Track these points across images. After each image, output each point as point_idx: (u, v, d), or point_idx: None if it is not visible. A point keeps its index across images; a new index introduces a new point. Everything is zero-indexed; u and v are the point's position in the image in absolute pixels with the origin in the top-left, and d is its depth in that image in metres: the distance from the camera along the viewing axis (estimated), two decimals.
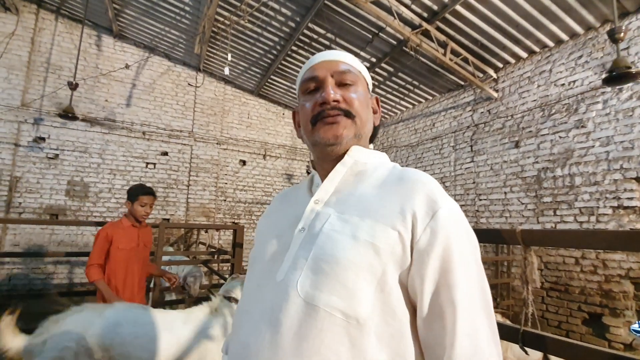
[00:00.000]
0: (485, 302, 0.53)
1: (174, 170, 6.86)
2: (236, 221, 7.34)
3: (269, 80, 7.12)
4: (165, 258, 4.03)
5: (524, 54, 4.88)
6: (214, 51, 6.48)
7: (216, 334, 1.90)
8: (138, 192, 2.45)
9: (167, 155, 6.82)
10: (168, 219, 6.70)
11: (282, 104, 8.11)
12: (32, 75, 5.96)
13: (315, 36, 5.45)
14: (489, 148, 5.34)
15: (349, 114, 0.65)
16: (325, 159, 0.68)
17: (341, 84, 0.67)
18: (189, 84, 7.14)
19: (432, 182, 0.59)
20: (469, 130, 5.69)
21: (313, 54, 5.87)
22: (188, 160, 7.00)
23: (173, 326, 1.85)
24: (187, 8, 5.48)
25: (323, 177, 0.67)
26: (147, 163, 6.64)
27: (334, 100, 0.64)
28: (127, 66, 6.34)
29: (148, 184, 6.39)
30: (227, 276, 4.25)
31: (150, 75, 6.80)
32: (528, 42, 4.63)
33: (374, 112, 0.75)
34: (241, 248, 3.98)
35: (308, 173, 8.20)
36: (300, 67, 6.42)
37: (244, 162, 7.60)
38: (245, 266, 6.94)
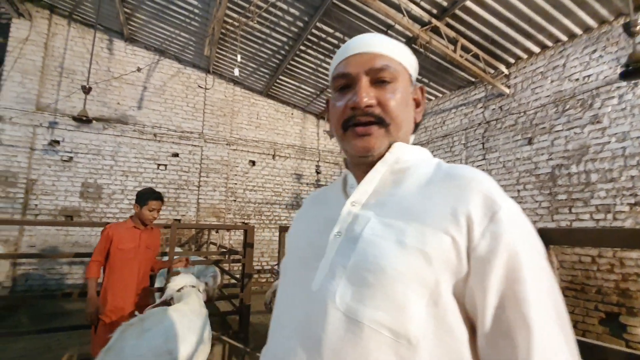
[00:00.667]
0: (561, 317, 0.45)
1: (185, 171, 6.93)
2: (246, 221, 7.38)
3: (278, 80, 7.14)
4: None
5: (536, 49, 4.80)
6: (224, 53, 6.52)
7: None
8: (148, 197, 2.52)
9: (177, 156, 6.90)
10: (179, 220, 6.77)
11: (291, 104, 8.12)
12: (46, 79, 6.09)
13: (323, 35, 5.44)
14: (501, 145, 5.27)
15: (382, 122, 0.58)
16: (358, 162, 0.62)
17: (377, 81, 0.59)
18: (199, 86, 7.20)
19: (488, 179, 0.52)
20: (480, 128, 5.63)
21: (322, 53, 5.91)
22: (198, 161, 7.06)
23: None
24: (196, 10, 5.53)
25: (359, 177, 0.62)
26: (159, 164, 6.73)
27: (367, 106, 0.57)
28: (138, 69, 6.43)
29: (160, 185, 6.55)
30: (237, 276, 4.30)
31: (161, 78, 6.88)
32: (541, 37, 4.55)
33: (417, 105, 0.66)
34: (251, 248, 4.00)
35: (318, 173, 8.24)
36: (308, 67, 6.46)
37: (253, 163, 7.64)
38: (256, 266, 7.00)
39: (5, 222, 5.45)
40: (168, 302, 2.18)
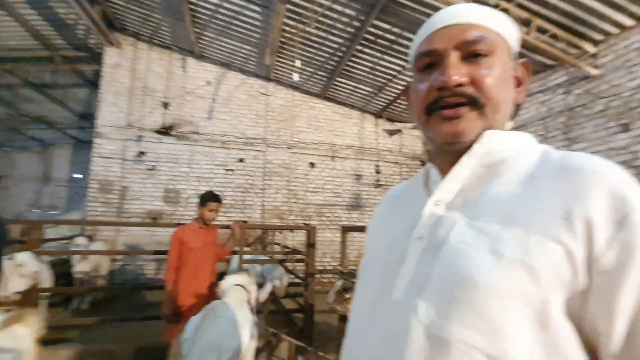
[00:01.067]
0: None
1: (250, 175, 7.34)
2: (307, 222, 7.55)
3: (335, 82, 7.20)
4: (246, 257, 4.33)
5: (630, 22, 4.14)
6: (283, 60, 6.78)
7: None
8: (207, 199, 2.79)
9: (243, 161, 7.33)
10: (245, 221, 7.19)
11: (349, 105, 8.13)
12: (132, 98, 6.93)
13: (380, 32, 5.35)
14: (589, 134, 4.63)
15: (476, 103, 0.49)
16: (446, 151, 0.54)
17: (470, 56, 0.50)
18: (261, 94, 7.59)
19: (616, 171, 0.42)
20: (562, 116, 5.02)
21: (379, 51, 5.82)
22: (262, 165, 7.43)
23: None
24: (256, 23, 5.84)
25: (443, 170, 0.54)
26: (227, 170, 7.22)
27: (457, 85, 0.49)
28: (208, 83, 7.00)
29: (228, 189, 7.03)
30: (301, 275, 4.41)
31: (227, 89, 7.39)
32: (634, 8, 3.91)
33: (519, 84, 0.56)
34: (313, 248, 4.08)
35: (377, 172, 8.11)
36: (366, 66, 6.41)
37: (313, 165, 7.80)
38: (318, 266, 7.11)
39: (104, 223, 6.33)
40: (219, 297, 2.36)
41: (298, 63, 5.05)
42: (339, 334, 3.51)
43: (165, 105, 5.66)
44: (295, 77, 5.23)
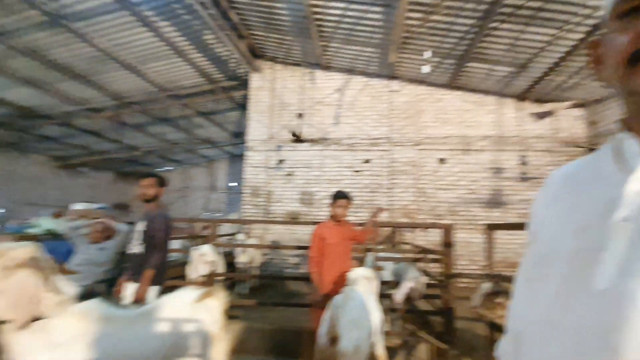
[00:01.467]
0: None
1: (377, 175, 7.42)
2: (438, 221, 7.12)
3: (465, 68, 6.60)
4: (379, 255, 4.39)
5: None
6: (406, 55, 6.63)
7: None
8: (335, 197, 3.07)
9: (369, 162, 7.47)
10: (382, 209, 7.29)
11: (482, 91, 7.32)
12: (272, 114, 7.94)
13: (521, 2, 4.65)
14: None
15: None
16: None
17: None
18: (384, 94, 7.60)
19: None
20: None
21: (520, 23, 5.08)
22: (388, 164, 7.40)
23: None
24: (378, 23, 5.89)
25: None
26: (354, 171, 7.49)
27: None
28: (337, 91, 7.44)
29: (355, 190, 7.26)
30: (439, 277, 4.17)
31: (351, 94, 7.69)
32: None
33: None
34: (451, 247, 3.81)
35: (523, 164, 7.01)
36: (503, 44, 5.66)
37: (443, 160, 7.32)
38: (460, 269, 6.58)
39: (255, 222, 7.45)
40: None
41: (428, 54, 4.83)
42: (487, 343, 3.17)
43: (300, 116, 6.29)
44: (426, 69, 5.02)
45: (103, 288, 3.46)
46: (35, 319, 1.71)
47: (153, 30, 6.43)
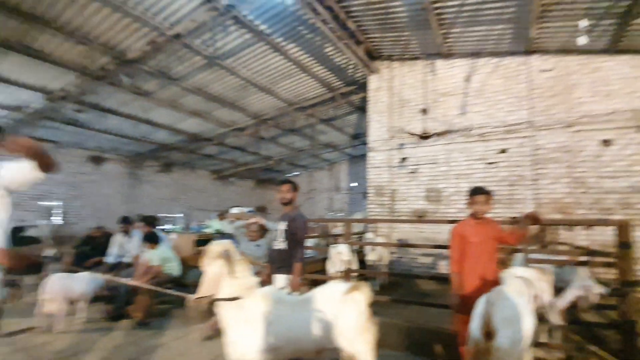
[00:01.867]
0: None
1: (516, 166, 6.57)
2: (607, 216, 5.81)
3: (630, 26, 5.24)
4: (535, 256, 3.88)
5: None
6: (547, 25, 5.69)
7: None
8: (471, 194, 2.91)
9: (505, 152, 6.67)
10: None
11: None
12: (392, 112, 7.93)
13: None
14: None
15: None
16: None
17: None
18: (521, 72, 6.67)
19: None
20: None
21: None
22: (530, 153, 6.46)
23: None
24: None
25: None
26: (488, 163, 6.81)
27: None
28: (467, 79, 6.94)
29: (492, 184, 6.59)
30: (614, 286, 3.42)
31: (479, 79, 7.03)
32: None
33: None
34: (628, 249, 3.10)
35: None
36: None
37: (607, 142, 5.96)
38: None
39: (382, 220, 7.55)
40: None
41: (584, 23, 4.07)
42: None
43: (424, 111, 6.11)
44: (583, 39, 4.23)
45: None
46: (235, 298, 2.22)
47: (282, 53, 7.28)
